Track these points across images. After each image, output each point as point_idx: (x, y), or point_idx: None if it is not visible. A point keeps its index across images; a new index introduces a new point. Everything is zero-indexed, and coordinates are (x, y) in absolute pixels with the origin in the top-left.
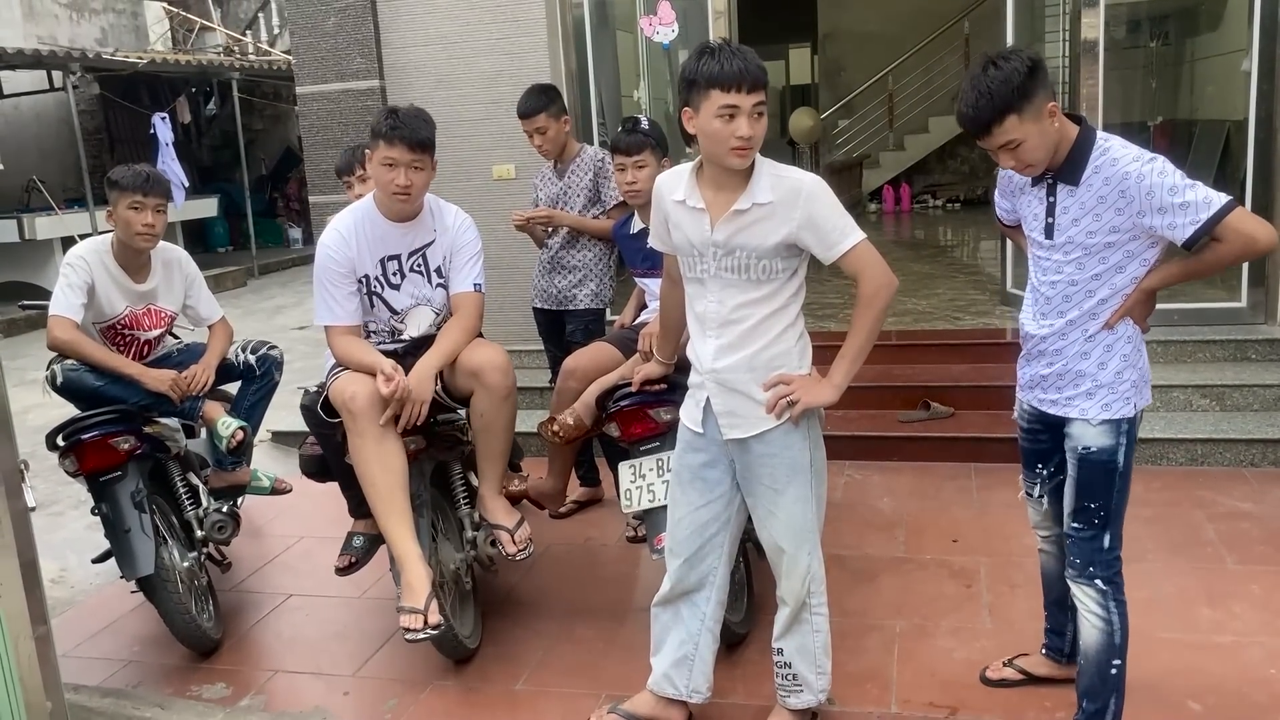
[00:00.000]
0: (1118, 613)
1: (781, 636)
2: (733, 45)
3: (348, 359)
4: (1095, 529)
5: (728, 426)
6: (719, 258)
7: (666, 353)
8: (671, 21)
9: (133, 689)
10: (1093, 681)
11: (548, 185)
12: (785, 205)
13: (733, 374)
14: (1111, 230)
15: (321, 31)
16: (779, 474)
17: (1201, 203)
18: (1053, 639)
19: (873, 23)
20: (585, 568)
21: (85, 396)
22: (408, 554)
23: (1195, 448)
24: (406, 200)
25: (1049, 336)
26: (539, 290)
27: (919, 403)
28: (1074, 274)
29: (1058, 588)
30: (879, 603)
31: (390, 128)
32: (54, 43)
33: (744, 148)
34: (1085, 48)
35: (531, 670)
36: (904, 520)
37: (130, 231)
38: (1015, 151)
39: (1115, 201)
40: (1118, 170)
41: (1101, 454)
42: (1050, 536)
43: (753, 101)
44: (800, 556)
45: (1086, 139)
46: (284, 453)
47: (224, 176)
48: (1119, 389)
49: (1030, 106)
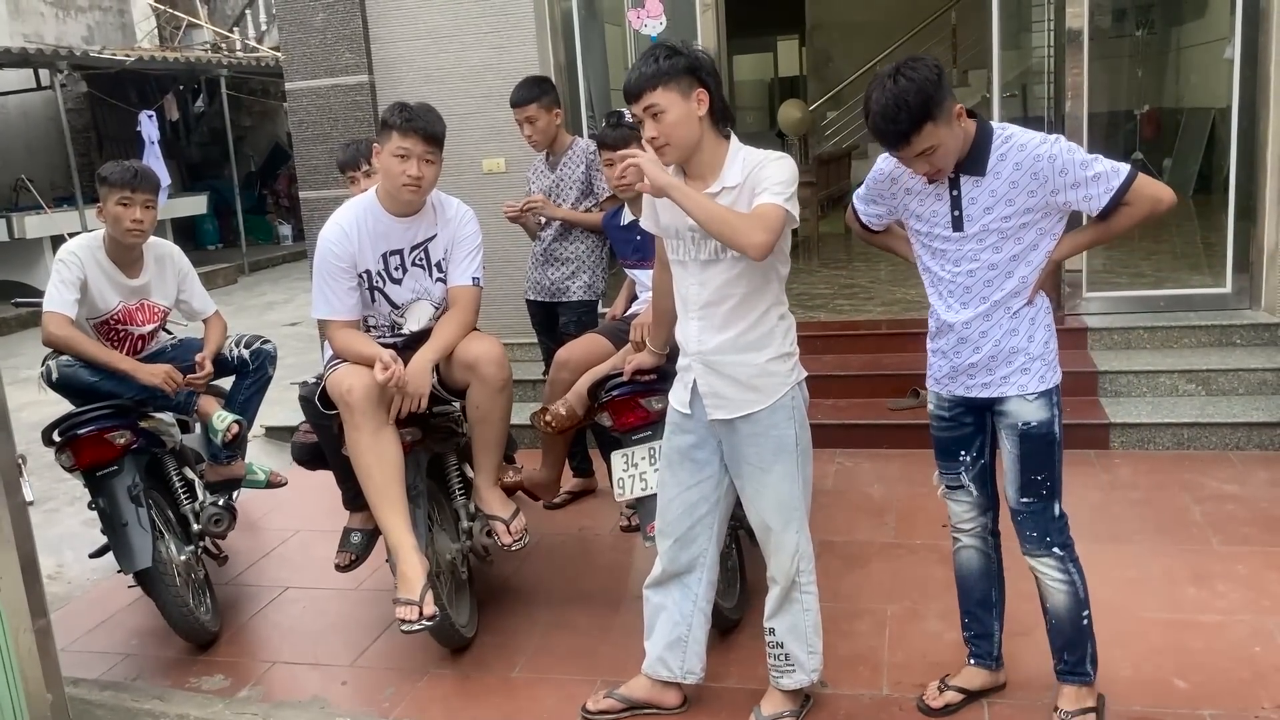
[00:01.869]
0: (1076, 570)
1: (773, 616)
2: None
3: (346, 351)
4: (1045, 499)
5: (713, 407)
6: (697, 241)
7: (659, 342)
8: (659, 14)
9: (131, 681)
10: (1069, 636)
11: (540, 178)
12: (749, 183)
13: (717, 355)
14: (1025, 211)
15: (310, 27)
16: (765, 453)
17: (1111, 172)
18: (980, 645)
19: (860, 13)
20: (580, 557)
21: (81, 392)
22: (403, 545)
23: (1181, 431)
24: (417, 192)
25: (973, 321)
26: (532, 282)
27: (908, 390)
28: (991, 258)
29: (980, 587)
30: (870, 587)
31: (405, 119)
32: (40, 40)
33: (653, 146)
34: (1070, 37)
35: (528, 657)
36: (894, 506)
37: (120, 227)
38: (931, 157)
39: (1028, 185)
40: (1027, 154)
41: (1041, 427)
42: (974, 529)
43: (642, 107)
44: (788, 534)
45: (986, 131)
46: (278, 447)
47: (213, 173)
48: (1048, 358)
49: (942, 111)
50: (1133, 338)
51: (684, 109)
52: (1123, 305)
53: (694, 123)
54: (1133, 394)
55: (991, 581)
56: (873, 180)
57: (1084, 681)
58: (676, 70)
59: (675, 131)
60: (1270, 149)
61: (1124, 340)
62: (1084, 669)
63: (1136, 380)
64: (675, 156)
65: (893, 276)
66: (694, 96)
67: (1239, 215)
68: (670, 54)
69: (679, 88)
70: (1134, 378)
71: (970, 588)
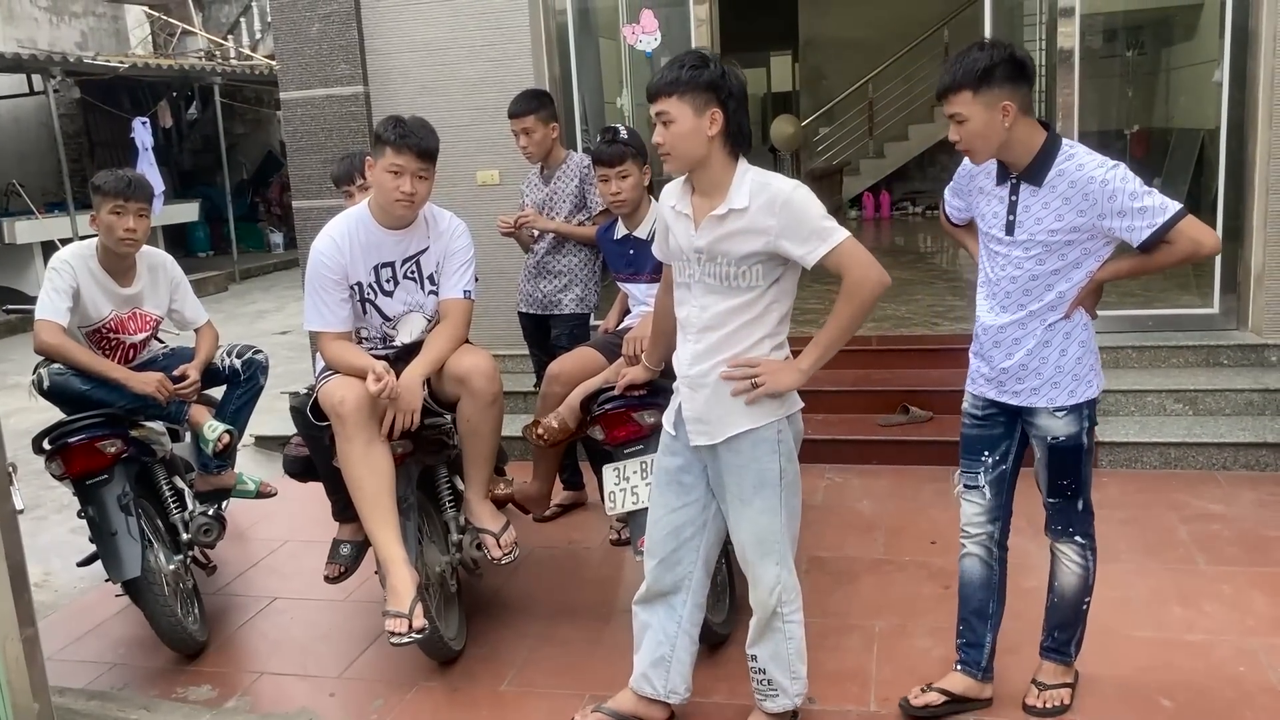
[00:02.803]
0: (1092, 559)
1: (755, 643)
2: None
3: (338, 363)
4: (1070, 499)
5: (694, 434)
6: (702, 263)
7: (654, 359)
8: (654, 30)
9: (118, 691)
10: (1067, 615)
11: (534, 190)
12: (762, 213)
13: (705, 379)
14: (1072, 230)
15: (306, 37)
16: (745, 485)
17: (1158, 208)
18: (970, 653)
19: (853, 30)
20: (569, 570)
21: (72, 400)
22: (393, 558)
23: (1169, 451)
24: (410, 207)
25: (1008, 326)
26: (524, 295)
27: (898, 406)
28: (1034, 269)
29: (978, 596)
30: (859, 603)
31: (399, 135)
32: (33, 46)
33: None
34: (1061, 57)
35: (517, 671)
36: (883, 522)
37: (113, 236)
38: (960, 127)
39: (1078, 203)
40: (1083, 174)
41: (1070, 440)
42: (980, 536)
43: (655, 110)
44: (767, 568)
45: (1052, 144)
46: (267, 456)
47: (205, 181)
48: (1081, 374)
49: (986, 94)
50: (1121, 357)
51: (693, 124)
52: (1112, 324)
53: (701, 140)
54: (1120, 413)
55: (990, 593)
56: (957, 174)
57: (1065, 661)
58: (696, 84)
59: (679, 144)
60: (1258, 171)
61: (1112, 359)
62: (1068, 650)
63: (1124, 399)
64: (675, 167)
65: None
66: (708, 115)
67: (1227, 236)
68: (697, 65)
69: (693, 102)
70: (1122, 397)
71: (969, 595)
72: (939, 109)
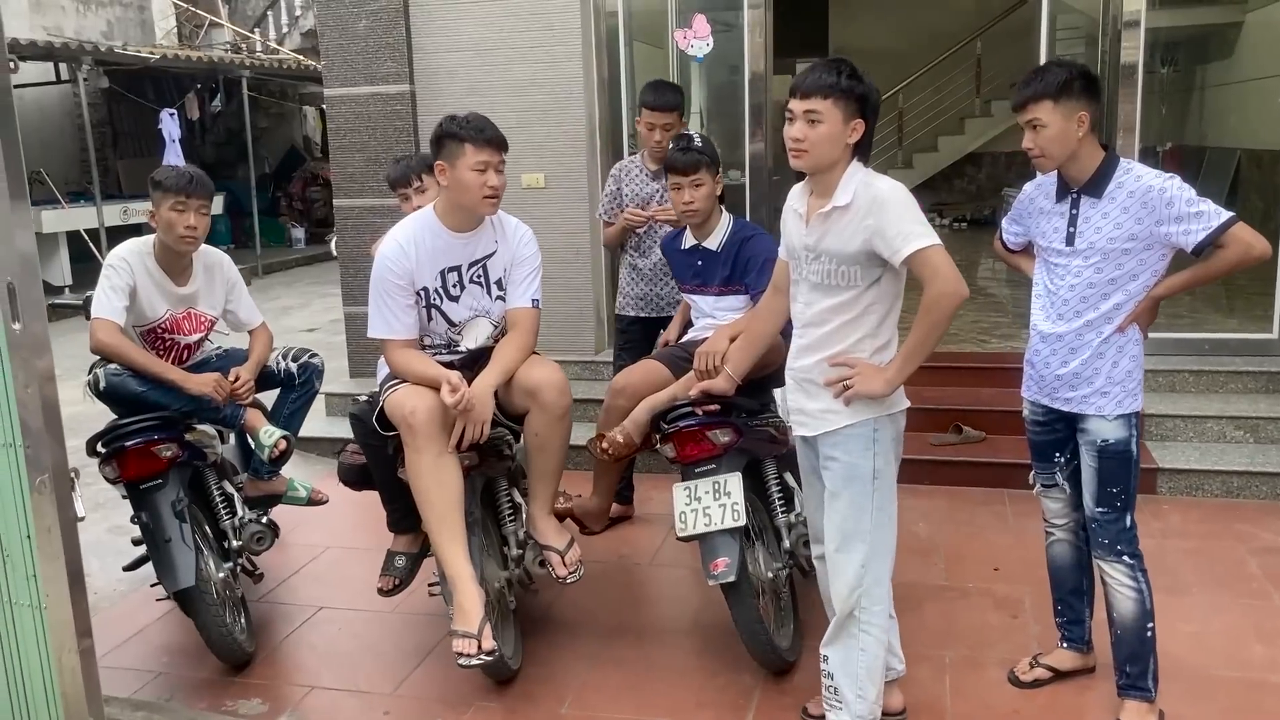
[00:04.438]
0: (1144, 580)
1: (829, 643)
2: (831, 60)
3: (407, 372)
4: (1118, 511)
5: (797, 425)
6: (809, 261)
7: (741, 366)
8: (707, 35)
9: (165, 702)
10: (1134, 647)
11: (637, 183)
12: (862, 212)
13: (806, 374)
14: (1129, 238)
15: (352, 34)
16: (837, 478)
17: (1213, 213)
18: (1073, 630)
19: (884, 39)
20: (622, 587)
21: (127, 402)
22: (461, 575)
23: (1231, 480)
24: (498, 203)
25: (1065, 335)
26: (635, 298)
27: (950, 426)
28: (1092, 277)
29: (1072, 578)
30: (925, 632)
31: (477, 130)
32: (60, 34)
33: (794, 151)
34: (1124, 72)
35: (575, 692)
36: (942, 546)
37: (173, 234)
38: (1036, 134)
39: (1136, 212)
40: (1141, 185)
41: (1118, 445)
42: (1067, 524)
43: (804, 108)
44: (849, 561)
45: (1112, 161)
46: (303, 459)
47: (227, 174)
48: (1129, 386)
49: (1064, 102)
50: (1178, 380)
51: (839, 130)
52: (1166, 347)
53: (839, 145)
54: (1179, 438)
55: (1083, 571)
56: (1017, 202)
57: (1145, 697)
58: (851, 93)
59: (819, 146)
60: None
61: (1169, 383)
62: (1145, 684)
63: (1183, 425)
64: (807, 165)
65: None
66: (852, 124)
67: None
68: (853, 75)
69: (845, 108)
70: (1180, 422)
71: (1063, 578)
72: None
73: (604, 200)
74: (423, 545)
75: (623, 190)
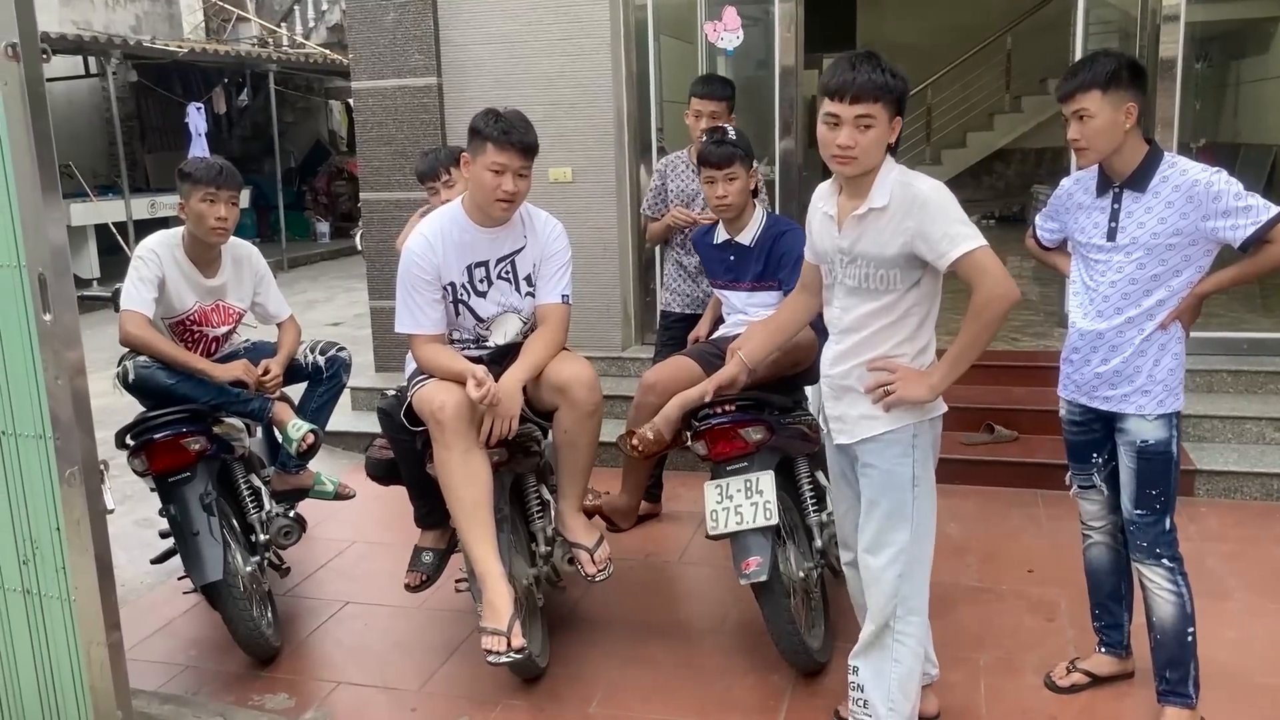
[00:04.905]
0: (1184, 584)
1: (860, 653)
2: (864, 56)
3: (434, 367)
4: (1158, 513)
5: (835, 431)
6: (844, 265)
7: (756, 355)
8: (737, 27)
9: (192, 696)
10: (1174, 653)
11: (683, 179)
12: (900, 213)
13: (844, 380)
14: (1174, 233)
15: (380, 26)
16: (875, 484)
17: (1262, 207)
18: (1111, 635)
19: (913, 34)
20: (649, 585)
21: (156, 394)
22: (490, 572)
23: (1270, 482)
24: (509, 208)
25: (1106, 332)
26: (683, 294)
27: (982, 425)
28: (1134, 273)
29: (1110, 581)
30: (959, 635)
31: (502, 131)
32: (89, 28)
33: (842, 158)
34: (1164, 67)
35: (603, 691)
36: (975, 547)
37: (203, 226)
38: (1083, 125)
39: (1182, 206)
40: (1187, 179)
41: (1159, 445)
42: (1104, 526)
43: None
44: (887, 571)
45: (1156, 154)
46: (329, 453)
47: (253, 168)
48: (1171, 385)
49: (1113, 92)
50: (1215, 380)
51: (885, 131)
52: (1204, 346)
53: (881, 147)
54: (1217, 439)
55: (1121, 575)
56: (1054, 198)
57: (1186, 704)
58: (895, 93)
59: (870, 152)
60: None
61: (1206, 383)
62: (1186, 690)
63: (1221, 426)
64: (858, 170)
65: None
66: (892, 124)
67: None
68: (894, 71)
69: (889, 109)
70: (1219, 423)
71: (1100, 582)
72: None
73: (649, 196)
74: (450, 541)
75: (668, 186)
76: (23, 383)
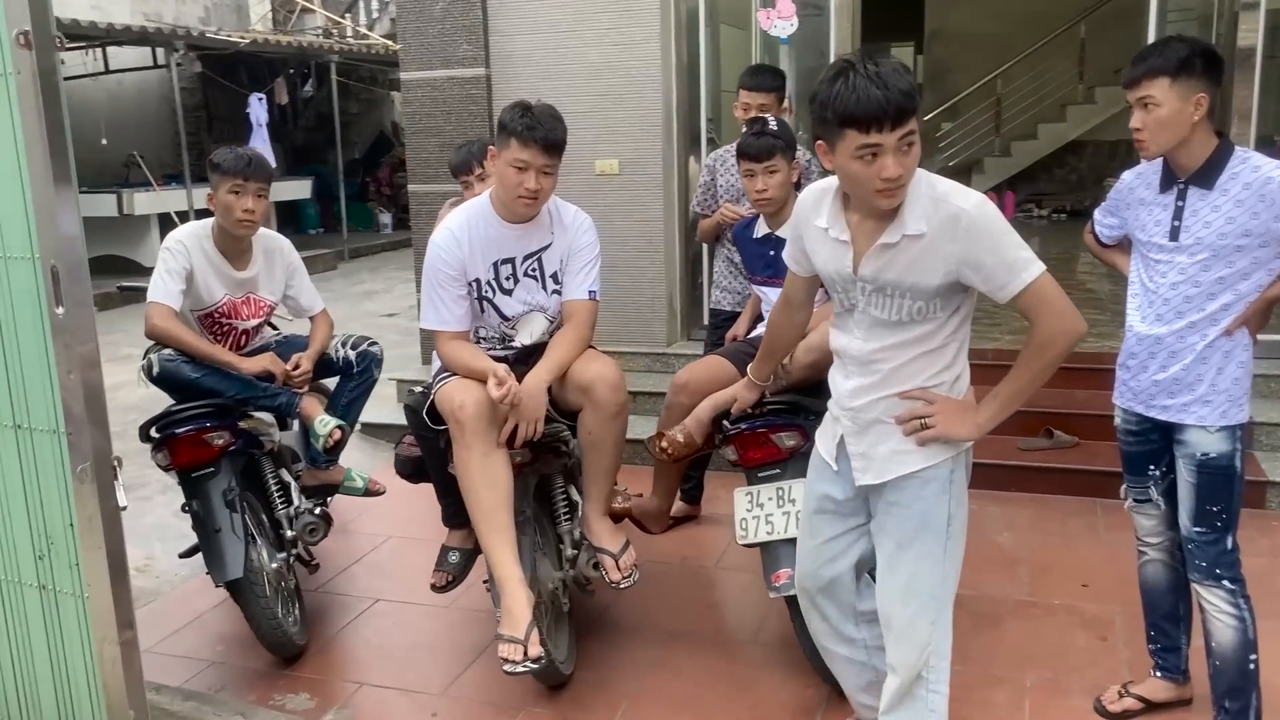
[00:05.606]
0: (1247, 608)
1: (890, 710)
2: (870, 66)
3: (456, 364)
4: (1218, 531)
5: (860, 470)
6: (867, 294)
7: (762, 374)
8: (791, 14)
9: (214, 693)
10: (1234, 680)
11: (733, 174)
12: (941, 238)
13: (870, 413)
14: (1243, 234)
15: (429, 16)
16: (907, 527)
17: None
18: (1167, 658)
19: (983, 23)
20: (682, 591)
21: (181, 388)
22: (509, 578)
23: None
24: (533, 205)
25: (1165, 338)
26: (734, 292)
27: (1040, 430)
28: (1198, 275)
29: (1167, 601)
30: (1005, 651)
31: (527, 127)
32: (159, 20)
33: (891, 189)
34: (1241, 56)
35: (630, 700)
36: (1026, 558)
37: (231, 217)
38: (1147, 114)
39: (1253, 205)
40: (1260, 175)
41: (1220, 459)
42: (1161, 543)
43: (898, 136)
44: (919, 623)
45: (1225, 149)
46: (372, 444)
47: (317, 159)
48: (1235, 395)
49: (1183, 81)
50: None
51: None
52: (1268, 350)
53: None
54: (1256, 449)
55: (1179, 595)
56: (1114, 191)
57: None
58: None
59: (910, 171)
60: None
61: (1272, 389)
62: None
63: None
64: (903, 195)
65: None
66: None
67: None
68: (908, 71)
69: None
70: None
71: (1157, 601)
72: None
73: (698, 192)
74: (477, 541)
75: (717, 181)
76: (37, 377)
